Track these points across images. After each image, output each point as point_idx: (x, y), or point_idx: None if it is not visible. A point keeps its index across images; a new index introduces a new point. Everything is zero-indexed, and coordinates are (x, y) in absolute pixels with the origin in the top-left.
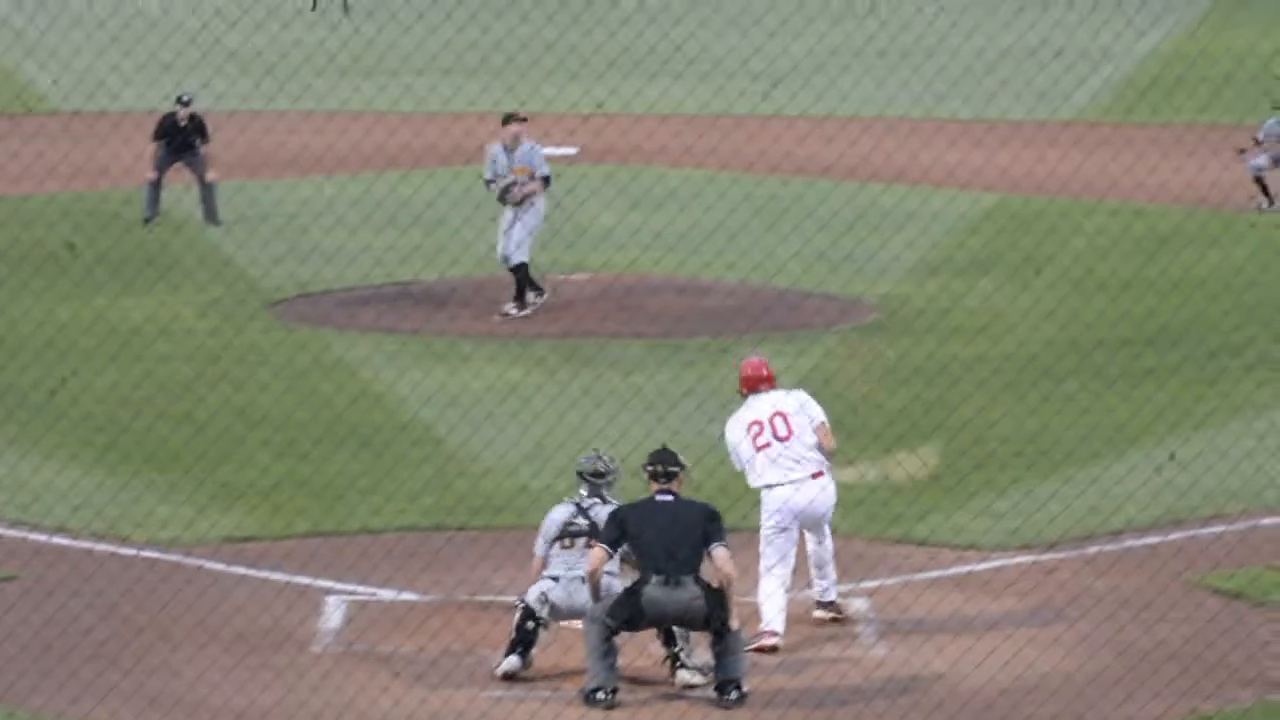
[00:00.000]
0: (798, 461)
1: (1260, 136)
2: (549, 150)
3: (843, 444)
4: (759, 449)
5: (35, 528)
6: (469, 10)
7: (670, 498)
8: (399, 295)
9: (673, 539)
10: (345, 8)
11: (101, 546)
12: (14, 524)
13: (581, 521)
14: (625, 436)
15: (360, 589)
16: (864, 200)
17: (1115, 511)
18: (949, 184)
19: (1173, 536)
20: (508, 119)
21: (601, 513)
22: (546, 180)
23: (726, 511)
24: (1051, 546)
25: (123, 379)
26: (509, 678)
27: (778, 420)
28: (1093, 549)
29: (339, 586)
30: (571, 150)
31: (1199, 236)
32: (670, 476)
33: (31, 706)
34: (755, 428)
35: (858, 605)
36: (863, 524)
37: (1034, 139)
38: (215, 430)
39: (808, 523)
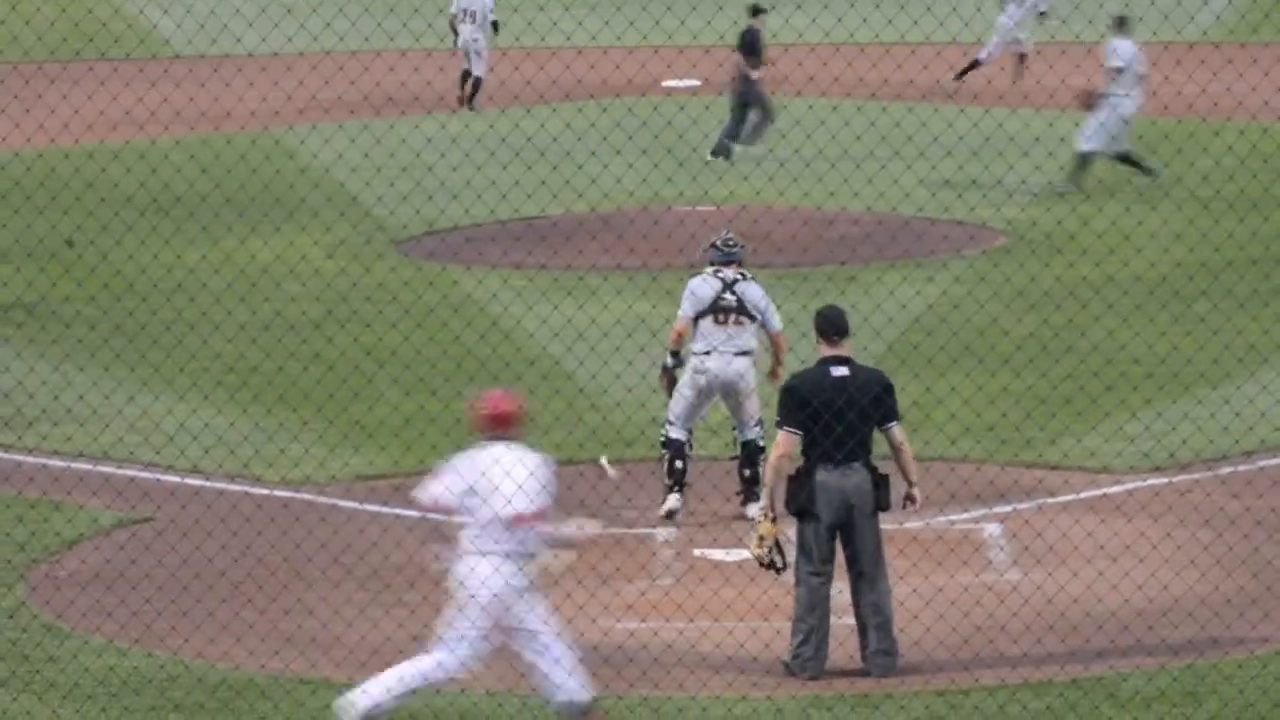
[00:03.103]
0: None
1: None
2: (671, 82)
3: (971, 369)
4: None
5: (169, 469)
6: None
7: (845, 370)
8: (525, 231)
9: (848, 422)
10: None
11: (235, 487)
12: (148, 466)
13: (729, 298)
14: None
15: None
16: (989, 125)
17: (1248, 431)
18: (1075, 108)
19: None
20: None
21: (748, 290)
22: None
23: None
24: (1185, 468)
25: (252, 320)
26: (671, 515)
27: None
28: (1226, 469)
29: None
30: (695, 82)
31: None
32: (842, 337)
33: (169, 647)
34: None
35: (991, 530)
36: (995, 449)
37: (1159, 60)
38: (345, 369)
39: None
